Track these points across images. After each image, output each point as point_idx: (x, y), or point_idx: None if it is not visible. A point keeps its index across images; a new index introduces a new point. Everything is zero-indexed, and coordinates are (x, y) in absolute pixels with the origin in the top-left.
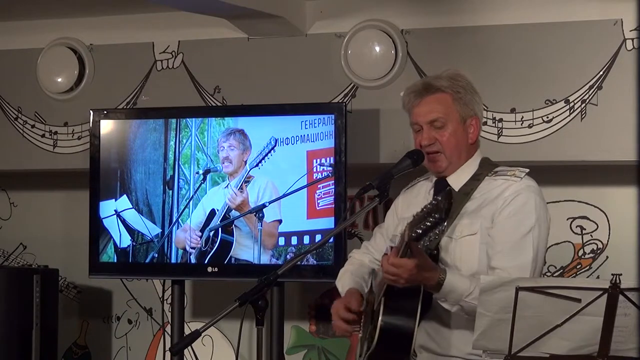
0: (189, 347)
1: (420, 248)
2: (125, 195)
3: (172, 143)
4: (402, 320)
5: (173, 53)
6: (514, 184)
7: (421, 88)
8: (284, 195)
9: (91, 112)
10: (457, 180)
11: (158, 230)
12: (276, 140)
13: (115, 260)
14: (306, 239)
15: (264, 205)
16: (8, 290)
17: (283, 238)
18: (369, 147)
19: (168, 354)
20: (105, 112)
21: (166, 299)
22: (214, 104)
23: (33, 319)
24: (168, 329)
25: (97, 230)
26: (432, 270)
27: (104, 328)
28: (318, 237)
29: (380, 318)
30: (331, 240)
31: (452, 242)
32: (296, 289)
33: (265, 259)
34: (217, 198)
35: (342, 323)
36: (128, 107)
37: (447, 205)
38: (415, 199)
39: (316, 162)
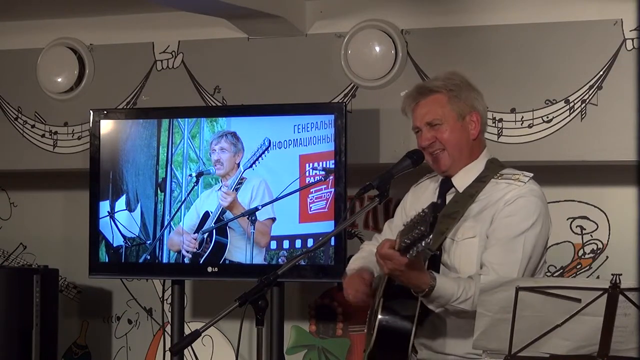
0: (189, 347)
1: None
2: (124, 196)
3: (163, 145)
4: (400, 319)
5: (173, 53)
6: (516, 188)
7: (415, 92)
8: (277, 199)
9: (91, 112)
10: (461, 181)
11: (150, 231)
12: (270, 141)
13: (107, 261)
14: (298, 243)
15: (256, 209)
16: (8, 290)
17: (275, 242)
18: (369, 147)
19: (168, 354)
20: (105, 112)
21: (166, 299)
22: (213, 104)
23: (33, 319)
24: (168, 329)
25: (97, 230)
26: (422, 274)
27: (104, 328)
28: (310, 241)
29: (378, 317)
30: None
31: (454, 244)
32: (296, 289)
33: (259, 261)
34: (210, 201)
35: (360, 284)
36: (128, 107)
37: (431, 219)
38: (422, 195)
39: (309, 166)
